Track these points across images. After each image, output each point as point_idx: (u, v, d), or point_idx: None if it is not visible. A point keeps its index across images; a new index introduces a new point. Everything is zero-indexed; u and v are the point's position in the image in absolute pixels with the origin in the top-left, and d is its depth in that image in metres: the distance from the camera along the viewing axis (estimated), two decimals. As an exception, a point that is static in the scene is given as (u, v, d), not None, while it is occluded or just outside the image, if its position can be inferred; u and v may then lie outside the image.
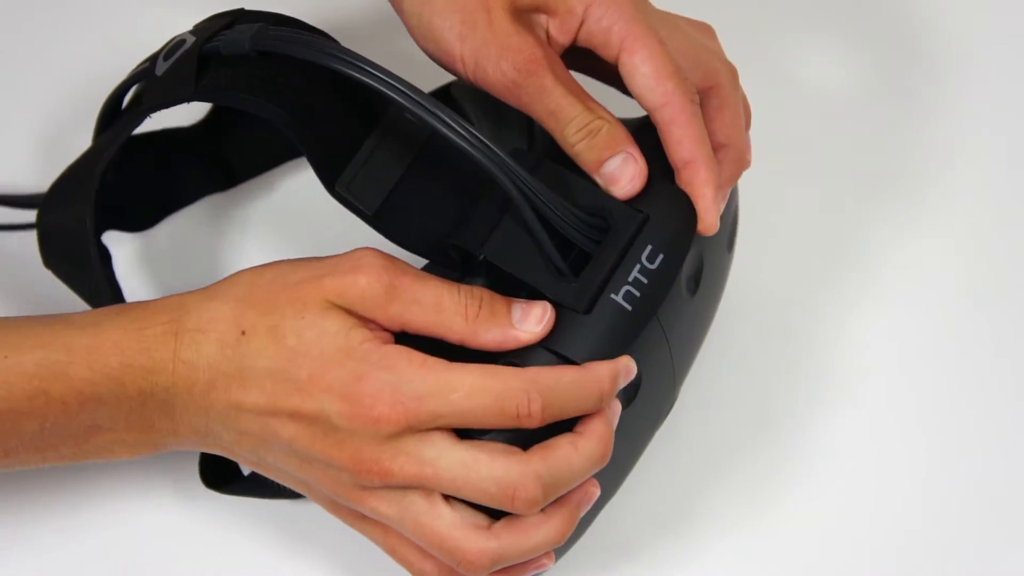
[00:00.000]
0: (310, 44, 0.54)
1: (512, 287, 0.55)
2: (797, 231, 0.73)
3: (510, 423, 0.51)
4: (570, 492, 0.53)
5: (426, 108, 0.52)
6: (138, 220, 0.72)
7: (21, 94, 0.77)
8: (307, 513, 0.63)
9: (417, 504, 0.52)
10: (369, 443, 0.51)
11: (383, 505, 0.52)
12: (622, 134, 0.55)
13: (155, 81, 0.58)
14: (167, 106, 0.58)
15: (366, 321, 0.52)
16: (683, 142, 0.55)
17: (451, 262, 0.57)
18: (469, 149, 0.52)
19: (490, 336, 0.53)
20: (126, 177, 0.69)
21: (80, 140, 0.64)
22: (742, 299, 0.68)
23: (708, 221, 0.56)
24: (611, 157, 0.55)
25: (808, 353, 0.69)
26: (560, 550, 0.59)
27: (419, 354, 0.51)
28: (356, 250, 0.53)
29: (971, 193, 0.75)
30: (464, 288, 0.53)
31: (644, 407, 0.57)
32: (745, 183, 0.64)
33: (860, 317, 0.70)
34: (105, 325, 0.54)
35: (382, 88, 0.52)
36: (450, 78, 0.72)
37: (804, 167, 0.76)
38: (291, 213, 0.73)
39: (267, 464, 0.55)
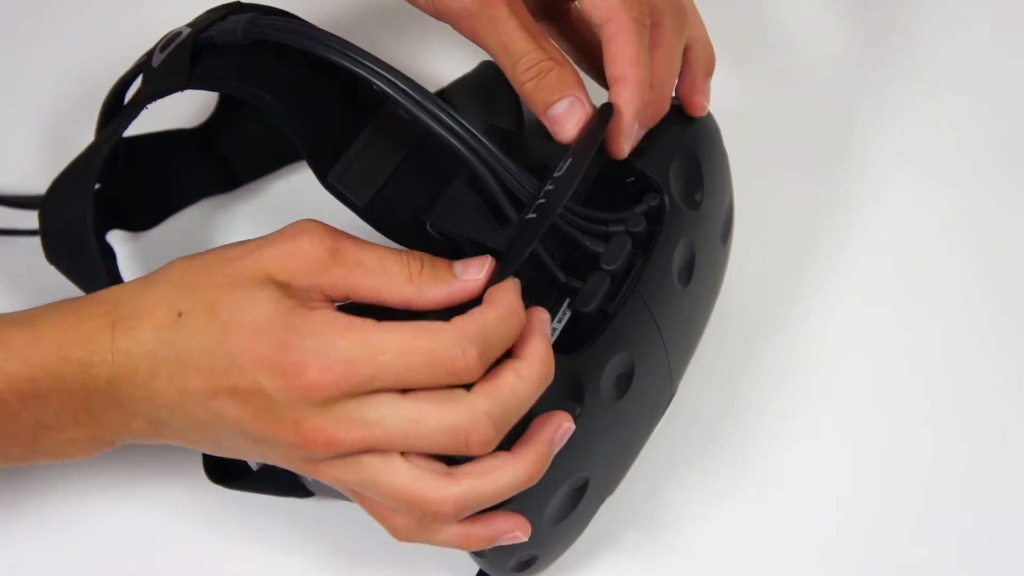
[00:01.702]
0: (301, 32, 0.55)
1: None
2: (792, 226, 0.73)
3: (447, 380, 0.49)
4: (540, 429, 0.52)
5: (396, 85, 0.53)
6: (140, 220, 0.73)
7: (25, 93, 0.78)
8: (311, 511, 0.63)
9: (373, 465, 0.51)
10: (309, 413, 0.49)
11: (340, 472, 0.51)
12: (571, 77, 0.55)
13: (151, 72, 0.59)
14: (162, 95, 0.58)
15: (306, 292, 0.51)
16: (617, 59, 0.55)
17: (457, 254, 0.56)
18: (412, 107, 0.53)
19: (435, 291, 0.52)
20: (129, 177, 0.70)
21: (86, 137, 0.64)
22: (736, 294, 0.68)
23: (618, 144, 0.55)
24: (559, 100, 0.55)
25: (804, 348, 0.69)
26: (560, 548, 0.59)
27: (345, 317, 0.50)
28: (296, 222, 0.52)
29: (971, 185, 0.75)
30: (405, 251, 0.52)
31: (639, 400, 0.58)
32: (742, 178, 0.65)
33: (858, 312, 0.70)
34: (42, 320, 0.53)
35: (364, 73, 0.53)
36: (440, 83, 0.73)
37: (802, 162, 0.76)
38: (292, 214, 0.73)
39: (225, 448, 0.53)
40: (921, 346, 0.70)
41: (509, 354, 0.51)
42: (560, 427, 0.52)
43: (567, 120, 0.55)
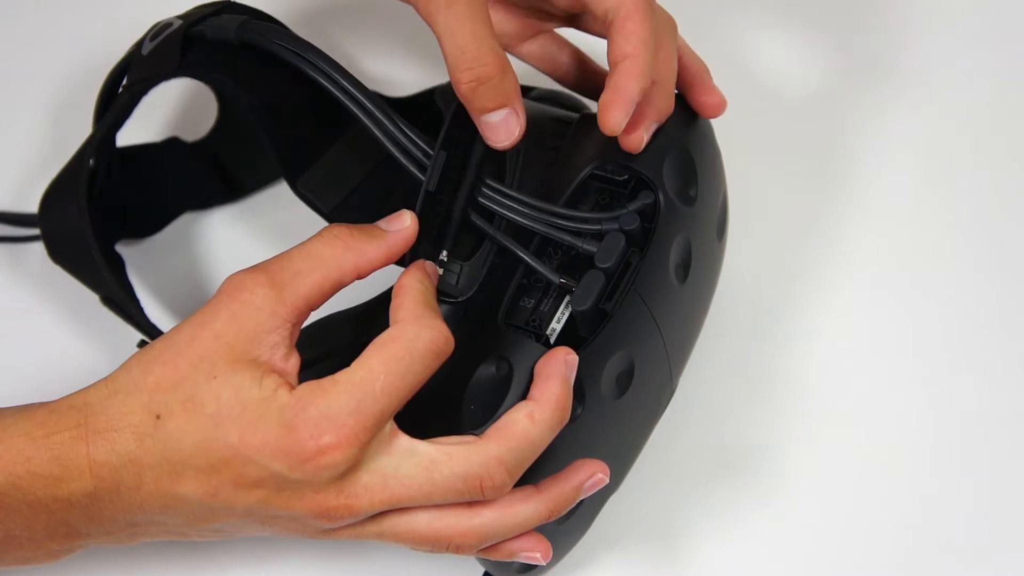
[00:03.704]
0: (289, 44, 0.55)
1: (510, 265, 0.56)
2: (788, 220, 0.73)
3: (436, 363, 0.50)
4: (574, 472, 0.53)
5: (364, 106, 0.54)
6: (140, 227, 0.73)
7: (21, 91, 0.78)
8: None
9: (390, 519, 0.51)
10: (328, 486, 0.49)
11: (359, 531, 0.51)
12: (511, 86, 0.54)
13: (141, 60, 0.59)
14: (151, 82, 0.58)
15: (275, 349, 0.50)
16: (631, 38, 0.55)
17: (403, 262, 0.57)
18: (375, 129, 0.54)
19: (375, 248, 0.52)
20: (130, 186, 0.70)
21: (85, 133, 0.64)
22: (733, 289, 0.68)
23: (613, 117, 0.55)
24: (495, 109, 0.54)
25: (801, 341, 0.69)
26: (565, 548, 0.59)
27: (326, 379, 0.49)
28: (224, 283, 0.51)
29: (969, 179, 0.75)
30: (324, 229, 0.52)
31: (640, 397, 0.58)
32: (736, 173, 0.65)
33: (855, 303, 0.71)
34: (10, 432, 0.50)
35: (337, 93, 0.54)
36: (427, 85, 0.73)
37: (796, 156, 0.76)
38: (284, 218, 0.74)
39: (227, 531, 0.52)
40: (921, 339, 0.70)
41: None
42: (594, 476, 0.53)
43: (498, 130, 0.54)
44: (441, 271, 0.56)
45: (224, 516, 0.50)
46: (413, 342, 0.50)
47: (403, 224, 0.53)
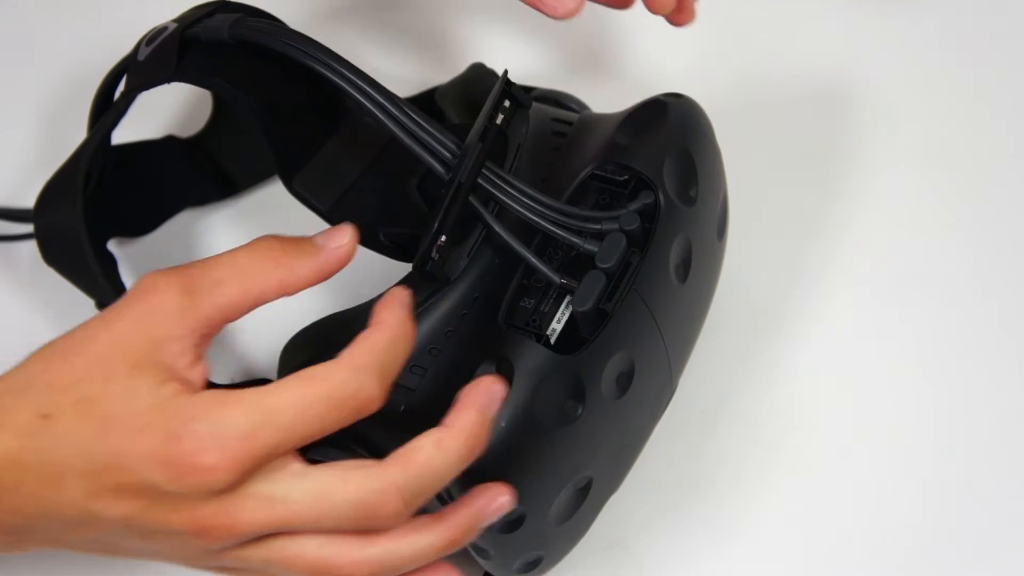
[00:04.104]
0: (282, 36, 0.55)
1: (510, 265, 0.56)
2: (788, 220, 0.73)
3: (356, 418, 0.46)
4: (474, 498, 0.49)
5: (364, 90, 0.53)
6: (135, 225, 0.73)
7: (17, 93, 0.78)
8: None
9: (277, 542, 0.47)
10: (207, 502, 0.45)
11: (242, 559, 0.47)
12: None
13: (137, 66, 0.59)
14: (148, 87, 0.58)
15: (180, 355, 0.47)
16: None
17: (408, 256, 0.56)
18: (379, 114, 0.54)
19: (307, 265, 0.49)
20: (124, 185, 0.70)
21: (80, 137, 0.64)
22: (733, 289, 0.68)
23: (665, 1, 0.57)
24: None
25: (801, 340, 0.69)
26: (564, 548, 0.59)
27: (233, 391, 0.46)
28: (137, 282, 0.48)
29: (971, 180, 0.75)
30: (257, 240, 0.49)
31: (641, 398, 0.58)
32: (736, 173, 0.65)
33: (856, 303, 0.71)
34: None
35: (335, 78, 0.53)
36: (426, 86, 0.73)
37: (796, 156, 0.76)
38: (279, 216, 0.73)
39: (109, 544, 0.48)
40: (922, 339, 0.70)
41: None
42: (495, 500, 0.49)
43: None
44: (436, 256, 0.54)
45: (102, 526, 0.47)
46: (338, 389, 0.46)
47: (342, 241, 0.49)
